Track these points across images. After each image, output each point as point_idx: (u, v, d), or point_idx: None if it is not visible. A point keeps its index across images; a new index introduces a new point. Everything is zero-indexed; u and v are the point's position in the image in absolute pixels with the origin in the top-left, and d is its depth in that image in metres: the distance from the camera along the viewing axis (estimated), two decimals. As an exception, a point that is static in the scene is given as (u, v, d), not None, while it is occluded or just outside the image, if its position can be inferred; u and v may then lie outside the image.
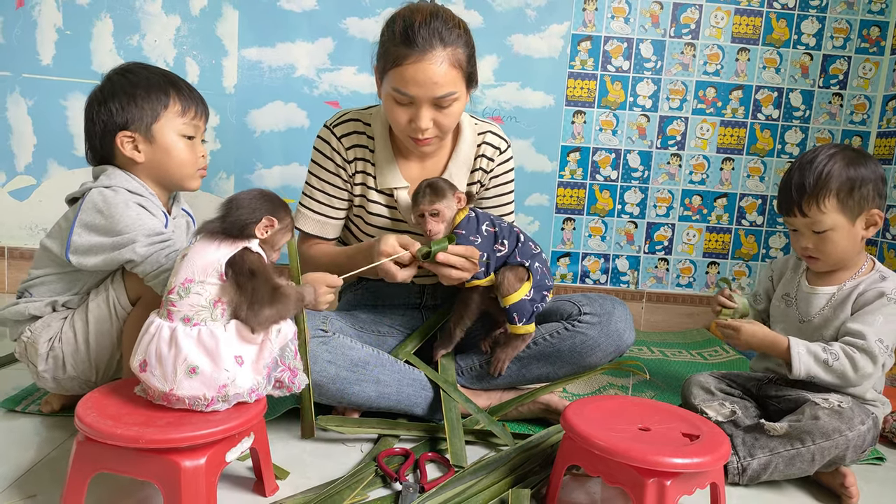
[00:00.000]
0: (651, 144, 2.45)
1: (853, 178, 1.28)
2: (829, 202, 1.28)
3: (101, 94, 1.27)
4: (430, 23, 1.28)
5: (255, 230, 1.05)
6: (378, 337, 1.53)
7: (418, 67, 1.28)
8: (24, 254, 2.36)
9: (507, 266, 1.40)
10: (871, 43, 2.41)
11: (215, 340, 0.97)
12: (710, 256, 2.53)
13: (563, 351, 1.41)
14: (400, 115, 1.34)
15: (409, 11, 1.31)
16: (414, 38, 1.27)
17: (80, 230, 1.20)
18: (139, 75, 1.28)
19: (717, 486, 1.06)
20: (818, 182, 1.28)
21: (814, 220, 1.30)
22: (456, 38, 1.30)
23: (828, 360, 1.26)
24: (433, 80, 1.28)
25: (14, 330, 1.29)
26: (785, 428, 1.21)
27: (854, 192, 1.28)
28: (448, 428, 1.29)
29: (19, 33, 2.26)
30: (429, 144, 1.39)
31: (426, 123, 1.33)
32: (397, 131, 1.39)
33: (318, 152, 1.51)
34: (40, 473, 1.12)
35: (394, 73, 1.30)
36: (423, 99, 1.31)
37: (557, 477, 1.11)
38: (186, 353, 0.96)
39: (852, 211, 1.29)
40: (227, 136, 2.36)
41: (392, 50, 1.30)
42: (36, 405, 1.38)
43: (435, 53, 1.28)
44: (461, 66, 1.32)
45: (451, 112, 1.35)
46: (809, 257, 1.35)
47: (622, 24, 2.38)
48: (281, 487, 1.12)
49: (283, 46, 2.32)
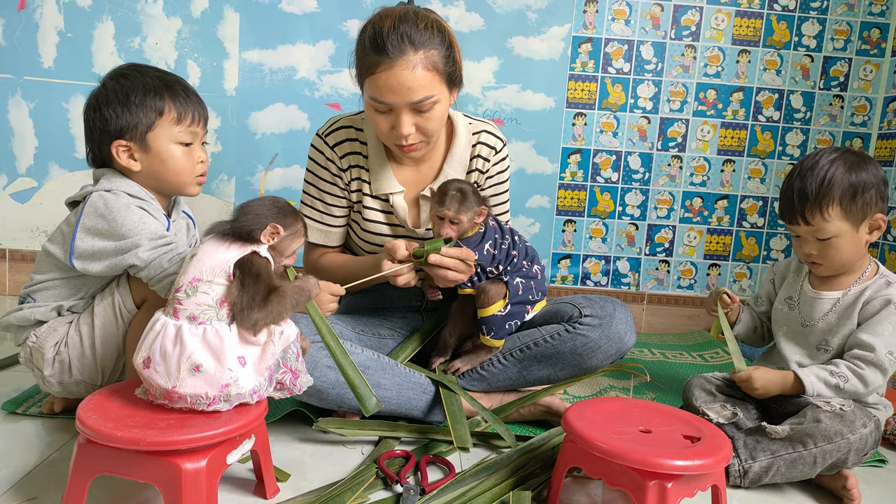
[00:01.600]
0: (652, 146, 2.45)
1: (856, 183, 1.26)
2: (832, 210, 1.27)
3: (97, 100, 1.26)
4: (398, 27, 1.26)
5: (260, 235, 1.06)
6: (378, 340, 1.53)
7: (391, 74, 1.26)
8: (25, 256, 2.36)
9: (489, 279, 1.41)
10: (872, 45, 2.41)
11: (220, 339, 0.97)
12: (711, 258, 2.52)
13: (563, 353, 1.41)
14: (381, 123, 1.33)
15: (379, 17, 1.30)
16: (383, 45, 1.25)
17: (83, 235, 1.20)
18: (134, 80, 1.25)
19: (719, 488, 1.06)
20: (820, 189, 1.27)
21: (817, 227, 1.29)
22: (428, 38, 1.28)
23: (839, 384, 1.26)
24: (407, 86, 1.27)
25: (18, 335, 1.29)
26: (787, 431, 1.21)
27: (857, 197, 1.27)
28: (450, 416, 1.30)
29: (21, 35, 2.27)
30: (416, 150, 1.38)
31: (408, 129, 1.32)
32: (382, 139, 1.39)
33: (314, 162, 1.51)
34: (41, 476, 1.12)
35: (369, 82, 1.29)
36: (400, 105, 1.29)
37: (558, 479, 1.11)
38: (191, 351, 0.96)
39: (856, 217, 1.28)
40: (227, 138, 2.36)
41: (364, 58, 1.29)
42: (37, 407, 1.38)
43: (406, 58, 1.26)
44: (437, 67, 1.30)
45: (432, 116, 1.33)
46: (813, 263, 1.34)
47: (623, 26, 2.38)
48: (282, 490, 1.12)
49: (284, 49, 2.33)
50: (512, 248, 1.42)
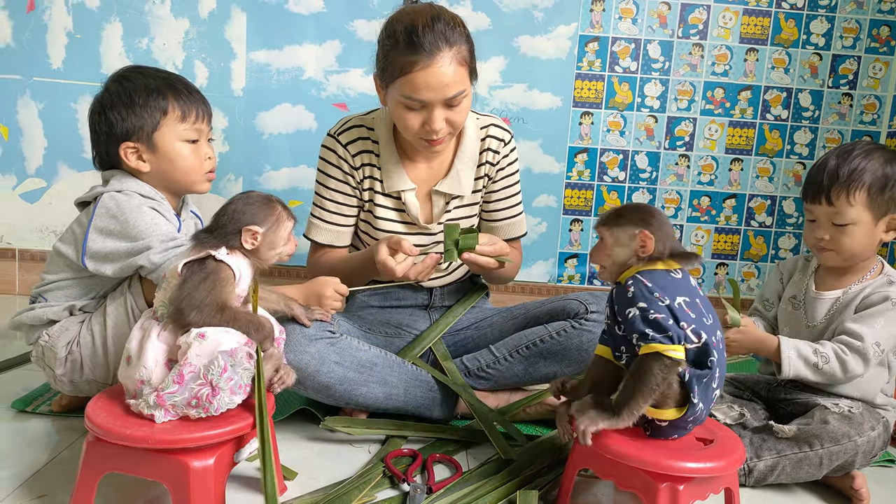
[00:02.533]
0: (659, 145, 2.44)
1: (889, 175, 1.26)
2: (859, 195, 1.26)
3: (101, 104, 1.27)
4: (433, 25, 1.28)
5: (240, 243, 1.02)
6: (386, 338, 1.53)
7: (428, 72, 1.28)
8: (35, 256, 2.38)
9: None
10: (881, 43, 2.39)
11: (143, 332, 0.98)
12: (719, 257, 2.51)
13: (570, 349, 1.41)
14: (412, 120, 1.34)
15: (408, 16, 1.31)
16: (420, 44, 1.27)
17: (95, 235, 1.21)
18: (136, 82, 1.26)
19: (732, 491, 1.04)
20: (853, 173, 1.26)
21: (839, 210, 1.27)
22: (458, 36, 1.31)
23: (818, 363, 1.24)
24: (444, 83, 1.29)
25: (30, 334, 1.30)
26: (793, 430, 1.20)
27: (886, 190, 1.26)
28: (485, 427, 1.30)
29: (30, 37, 2.28)
30: (442, 143, 1.40)
31: (440, 125, 1.34)
32: (409, 136, 1.40)
33: (325, 161, 1.51)
34: (50, 474, 1.13)
35: (402, 82, 1.30)
36: (435, 102, 1.31)
37: (569, 481, 1.10)
38: (130, 339, 0.99)
39: (879, 209, 1.27)
40: (235, 138, 2.37)
41: (398, 59, 1.29)
42: (46, 405, 1.38)
43: (442, 56, 1.28)
44: (466, 62, 1.33)
45: (462, 109, 1.36)
46: (822, 249, 1.32)
47: (630, 25, 2.37)
48: (289, 488, 1.13)
49: (291, 49, 2.33)
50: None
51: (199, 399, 0.93)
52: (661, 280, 0.98)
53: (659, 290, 0.96)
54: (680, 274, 1.00)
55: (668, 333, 0.93)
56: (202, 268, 0.98)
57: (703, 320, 0.97)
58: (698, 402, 0.96)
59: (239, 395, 0.97)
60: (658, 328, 0.94)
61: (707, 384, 0.97)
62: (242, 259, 1.04)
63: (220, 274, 0.99)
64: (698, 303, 0.98)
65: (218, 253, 0.99)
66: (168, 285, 0.99)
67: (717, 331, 0.99)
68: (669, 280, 0.99)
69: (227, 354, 0.95)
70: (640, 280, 0.98)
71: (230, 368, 0.95)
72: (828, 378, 1.25)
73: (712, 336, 0.97)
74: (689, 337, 0.94)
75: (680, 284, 0.99)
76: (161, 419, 0.94)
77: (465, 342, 1.57)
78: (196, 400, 0.94)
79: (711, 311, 1.00)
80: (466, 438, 1.34)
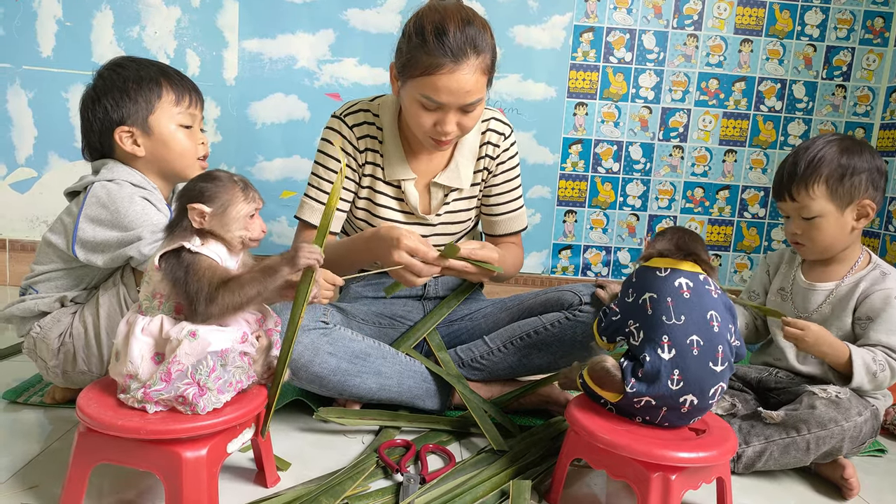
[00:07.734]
0: (653, 136, 2.44)
1: (845, 165, 1.27)
2: (817, 188, 1.28)
3: (94, 92, 1.27)
4: (464, 30, 1.26)
5: (189, 222, 0.97)
6: (380, 329, 1.53)
7: (452, 78, 1.26)
8: (25, 246, 2.36)
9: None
10: (875, 34, 2.39)
11: (128, 327, 0.97)
12: (713, 249, 2.52)
13: (564, 340, 1.41)
14: (425, 119, 1.33)
15: (440, 16, 1.28)
16: (449, 47, 1.25)
17: (86, 224, 1.20)
18: (129, 69, 1.27)
19: (724, 480, 1.05)
20: (809, 167, 1.28)
21: (802, 204, 1.30)
22: (486, 44, 1.29)
23: (876, 371, 1.25)
24: (465, 90, 1.28)
25: (21, 326, 1.29)
26: (781, 416, 1.21)
27: (845, 179, 1.27)
28: (478, 419, 1.30)
29: (19, 25, 2.25)
30: (448, 144, 1.40)
31: (452, 128, 1.33)
32: (418, 133, 1.39)
33: (327, 142, 1.49)
34: (42, 464, 1.12)
35: (424, 81, 1.28)
36: (452, 106, 1.30)
37: (562, 471, 1.11)
38: (117, 333, 0.98)
39: (842, 199, 1.28)
40: (227, 128, 2.36)
41: (423, 58, 1.27)
42: (38, 396, 1.38)
43: (468, 63, 1.27)
44: (487, 70, 1.32)
45: (475, 115, 1.35)
46: (797, 244, 1.35)
47: (625, 15, 2.37)
48: (282, 479, 1.13)
49: (284, 38, 2.31)
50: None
51: (186, 398, 0.92)
52: (641, 276, 1.09)
53: (634, 285, 1.09)
54: (665, 272, 1.06)
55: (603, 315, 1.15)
56: (180, 261, 0.94)
57: (661, 318, 1.01)
58: (634, 390, 1.01)
59: (228, 393, 0.96)
60: (605, 311, 1.15)
61: (654, 379, 1.00)
62: (218, 245, 0.99)
63: (200, 264, 0.95)
64: (669, 301, 1.02)
65: (190, 243, 0.96)
66: (150, 279, 0.98)
67: (690, 334, 1.01)
68: (651, 277, 1.07)
69: (216, 355, 0.93)
70: (632, 273, 1.14)
71: (219, 368, 0.94)
72: (876, 385, 1.26)
73: (666, 335, 1.00)
74: (632, 332, 1.06)
75: (659, 282, 1.05)
76: (153, 409, 0.94)
77: (459, 333, 1.57)
78: (182, 398, 0.93)
79: (694, 313, 1.02)
80: (460, 429, 1.34)
